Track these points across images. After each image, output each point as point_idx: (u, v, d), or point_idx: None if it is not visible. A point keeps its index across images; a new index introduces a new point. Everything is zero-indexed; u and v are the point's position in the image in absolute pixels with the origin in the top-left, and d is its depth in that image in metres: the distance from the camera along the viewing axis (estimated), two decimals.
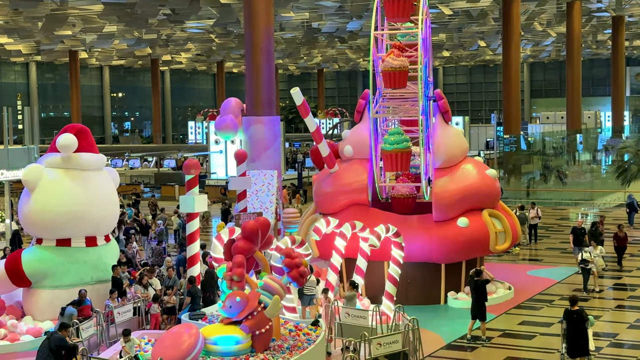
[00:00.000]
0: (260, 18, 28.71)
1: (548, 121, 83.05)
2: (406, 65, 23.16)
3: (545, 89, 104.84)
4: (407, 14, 24.08)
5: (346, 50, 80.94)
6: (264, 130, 28.59)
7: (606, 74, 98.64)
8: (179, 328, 16.04)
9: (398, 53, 23.43)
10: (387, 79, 23.31)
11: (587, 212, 41.59)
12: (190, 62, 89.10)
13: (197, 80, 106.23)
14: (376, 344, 16.21)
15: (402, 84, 23.33)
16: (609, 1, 56.85)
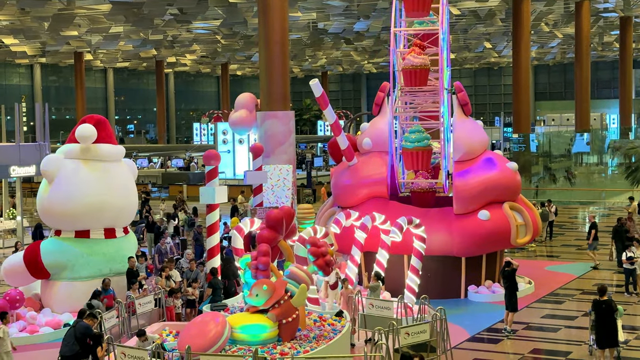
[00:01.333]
0: (275, 12, 28.52)
1: (554, 123, 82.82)
2: (427, 64, 22.87)
3: (549, 92, 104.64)
4: (427, 9, 23.81)
5: (351, 52, 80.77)
6: (278, 125, 28.37)
7: (611, 76, 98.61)
8: (204, 317, 15.82)
9: (419, 51, 23.13)
10: (407, 77, 22.97)
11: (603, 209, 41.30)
12: (194, 64, 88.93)
13: (200, 83, 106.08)
14: (404, 334, 15.96)
15: (423, 83, 23.03)
16: (616, 1, 56.66)
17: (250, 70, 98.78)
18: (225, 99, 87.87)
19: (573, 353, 17.84)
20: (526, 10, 46.21)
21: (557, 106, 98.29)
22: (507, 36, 71.11)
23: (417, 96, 23.71)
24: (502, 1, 52.64)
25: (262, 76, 29.18)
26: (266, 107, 28.58)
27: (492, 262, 23.23)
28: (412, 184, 23.34)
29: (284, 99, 28.82)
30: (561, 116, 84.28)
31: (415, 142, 22.52)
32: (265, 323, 15.61)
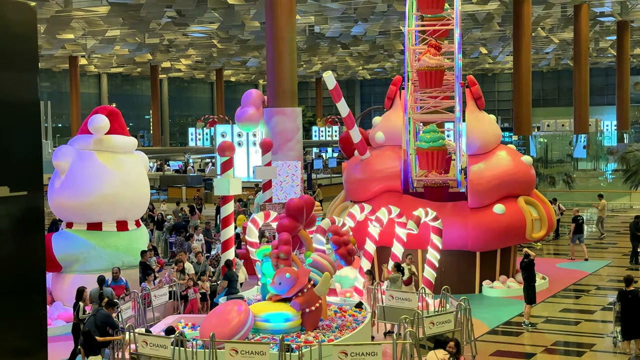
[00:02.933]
0: (283, 8, 28.24)
1: (549, 129, 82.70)
2: (443, 65, 22.66)
3: (543, 99, 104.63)
4: (441, 5, 23.60)
5: (347, 58, 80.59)
6: (286, 121, 28.08)
7: (604, 83, 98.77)
8: (225, 306, 15.52)
9: (434, 52, 22.89)
10: (423, 78, 22.71)
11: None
12: (189, 69, 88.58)
13: (194, 89, 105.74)
14: (429, 323, 15.67)
15: (438, 84, 22.80)
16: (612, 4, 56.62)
17: (245, 76, 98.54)
18: (220, 105, 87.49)
19: (596, 345, 17.59)
20: (527, 12, 46.04)
21: (550, 113, 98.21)
22: (503, 41, 71.05)
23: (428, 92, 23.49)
24: (501, 4, 52.52)
25: (269, 73, 28.88)
26: (273, 103, 28.26)
27: (507, 257, 22.98)
28: (425, 177, 23.07)
29: (292, 96, 28.52)
30: (556, 122, 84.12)
31: (430, 142, 22.29)
32: (289, 311, 15.33)
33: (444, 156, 22.65)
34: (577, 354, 17.09)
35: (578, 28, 54.48)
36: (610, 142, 74.78)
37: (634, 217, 27.49)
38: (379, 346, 13.89)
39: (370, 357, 13.72)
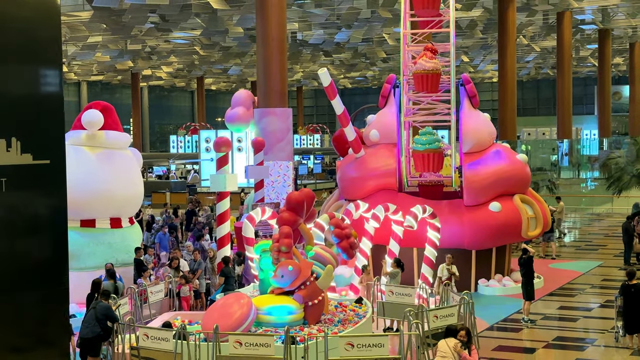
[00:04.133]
0: (273, 8, 28.04)
1: (530, 137, 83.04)
2: (439, 68, 22.53)
3: (522, 108, 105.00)
4: (437, 6, 23.50)
5: (329, 66, 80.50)
6: (276, 122, 27.84)
7: (583, 92, 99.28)
8: (226, 299, 15.26)
9: (431, 55, 22.75)
10: (419, 82, 22.54)
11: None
12: (169, 77, 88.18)
13: (174, 98, 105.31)
14: (433, 317, 15.48)
15: (434, 88, 22.67)
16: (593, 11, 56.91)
17: (225, 84, 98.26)
18: (201, 113, 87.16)
19: (598, 340, 17.50)
20: (512, 18, 46.14)
21: (530, 122, 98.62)
22: (485, 50, 71.20)
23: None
24: (485, 11, 52.61)
25: (259, 73, 28.65)
26: (264, 104, 28.04)
27: (502, 255, 22.87)
28: (420, 176, 22.92)
29: (282, 96, 28.31)
30: (537, 131, 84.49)
31: (426, 145, 22.14)
32: (292, 304, 15.08)
33: (439, 158, 22.50)
34: (580, 349, 16.94)
35: (561, 35, 54.69)
36: (589, 151, 75.17)
37: (626, 218, 27.49)
38: (385, 337, 13.70)
39: (377, 349, 13.53)
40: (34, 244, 7.07)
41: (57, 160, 7.23)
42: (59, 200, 7.37)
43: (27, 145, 6.96)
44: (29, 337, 6.89)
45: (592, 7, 54.62)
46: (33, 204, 7.05)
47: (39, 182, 7.07)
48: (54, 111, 7.25)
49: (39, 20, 6.77)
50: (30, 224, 7.03)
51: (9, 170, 6.84)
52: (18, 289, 6.89)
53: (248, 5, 47.12)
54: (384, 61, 75.30)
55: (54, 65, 7.15)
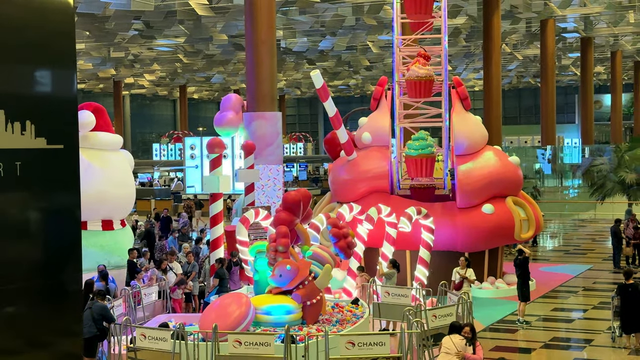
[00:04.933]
0: (262, 11, 27.91)
1: (512, 145, 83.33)
2: (432, 75, 22.49)
3: (504, 117, 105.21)
4: (429, 11, 23.46)
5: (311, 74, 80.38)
6: (265, 125, 27.69)
7: (564, 101, 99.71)
8: (223, 299, 15.10)
9: (424, 62, 22.72)
10: (412, 88, 22.49)
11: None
12: (152, 85, 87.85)
13: (156, 107, 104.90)
14: (431, 316, 15.39)
15: (427, 94, 22.65)
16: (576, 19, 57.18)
17: (208, 93, 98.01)
18: (183, 122, 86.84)
19: (595, 340, 17.44)
20: (497, 25, 46.20)
21: (512, 131, 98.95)
22: (467, 58, 71.38)
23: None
24: (469, 19, 52.71)
25: (248, 76, 28.48)
26: (253, 107, 27.87)
27: (494, 258, 22.82)
28: (412, 179, 22.86)
29: (272, 100, 28.16)
30: (519, 139, 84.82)
31: (419, 150, 22.10)
32: (290, 304, 14.95)
33: (432, 164, 22.47)
34: (577, 349, 16.90)
35: (544, 43, 54.90)
36: (571, 160, 75.44)
37: (615, 221, 27.54)
38: (386, 336, 13.59)
39: (378, 347, 13.42)
40: (49, 228, 6.91)
41: (70, 145, 7.08)
42: (73, 186, 7.20)
43: (41, 129, 6.81)
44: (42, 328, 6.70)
45: (575, 15, 54.89)
46: (47, 188, 6.88)
47: (52, 167, 6.91)
48: (67, 96, 7.10)
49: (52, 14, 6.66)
50: (45, 208, 6.87)
51: (23, 154, 6.69)
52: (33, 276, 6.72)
53: (233, 12, 47.02)
54: (367, 69, 75.38)
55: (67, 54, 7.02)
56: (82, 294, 7.45)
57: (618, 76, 70.79)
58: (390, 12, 47.28)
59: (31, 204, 6.82)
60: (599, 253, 29.87)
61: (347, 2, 46.49)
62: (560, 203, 52.26)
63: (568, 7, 50.79)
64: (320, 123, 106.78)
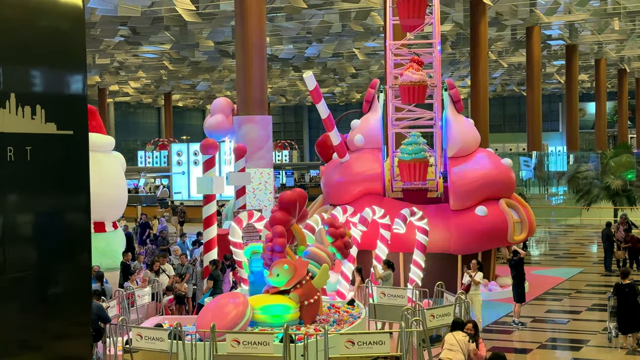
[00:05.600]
0: (252, 13, 27.82)
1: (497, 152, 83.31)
2: (425, 80, 22.39)
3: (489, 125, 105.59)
4: (422, 15, 23.39)
5: (297, 82, 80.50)
6: (256, 129, 27.56)
7: (548, 109, 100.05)
8: (220, 299, 14.95)
9: (417, 67, 22.65)
10: (405, 93, 22.33)
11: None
12: (136, 93, 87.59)
13: (141, 115, 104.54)
14: (429, 316, 15.29)
15: (421, 99, 22.52)
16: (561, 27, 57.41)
17: (192, 101, 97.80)
18: (168, 129, 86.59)
19: (591, 341, 17.40)
20: (484, 32, 46.30)
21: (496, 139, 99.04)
22: (452, 65, 71.54)
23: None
24: (456, 25, 52.82)
25: (238, 80, 28.37)
26: (243, 111, 27.76)
27: (487, 261, 22.75)
28: (404, 183, 22.79)
29: (262, 103, 28.05)
30: (504, 146, 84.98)
31: (412, 154, 22.02)
32: (288, 303, 14.81)
33: (426, 168, 22.39)
34: (574, 349, 16.85)
35: (530, 50, 55.11)
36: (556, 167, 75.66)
37: (606, 225, 27.58)
38: (386, 335, 13.48)
39: (378, 346, 13.30)
40: (58, 214, 6.78)
41: (80, 131, 6.96)
42: (83, 172, 7.09)
43: (51, 114, 6.69)
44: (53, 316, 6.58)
45: (560, 22, 55.11)
46: (57, 174, 6.76)
47: (62, 153, 6.78)
48: (77, 83, 7.00)
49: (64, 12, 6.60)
50: (54, 194, 6.75)
51: (33, 139, 6.56)
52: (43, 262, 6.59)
53: (220, 18, 46.92)
54: (352, 77, 75.44)
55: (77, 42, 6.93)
56: (90, 281, 7.31)
57: (602, 83, 71.11)
58: (377, 19, 47.58)
59: (41, 189, 6.69)
60: (589, 257, 29.97)
61: (334, 8, 46.45)
62: (546, 209, 52.38)
63: (554, 14, 50.99)
64: (305, 131, 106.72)
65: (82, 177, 7.11)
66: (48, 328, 6.62)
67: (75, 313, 6.93)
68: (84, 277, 7.05)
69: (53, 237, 6.77)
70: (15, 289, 6.35)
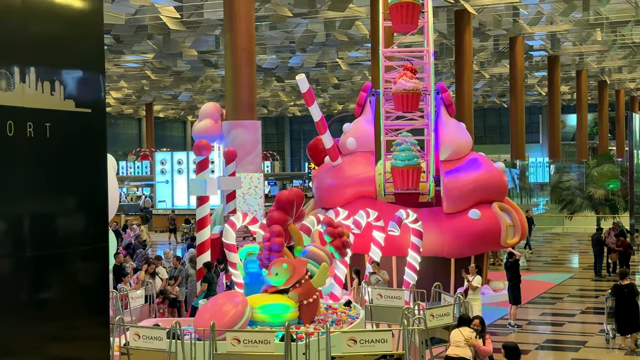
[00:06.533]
0: (242, 18, 27.66)
1: None
2: (419, 88, 22.33)
3: None
4: (415, 22, 23.33)
5: (279, 92, 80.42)
6: (245, 134, 27.38)
7: (529, 121, 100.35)
8: (217, 299, 14.76)
9: (411, 75, 22.59)
10: (399, 101, 22.21)
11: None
12: (117, 103, 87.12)
13: (121, 126, 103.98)
14: (429, 315, 15.15)
15: (414, 107, 22.44)
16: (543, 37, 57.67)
17: (174, 112, 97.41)
18: (150, 141, 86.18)
19: (589, 342, 17.34)
20: (469, 42, 46.38)
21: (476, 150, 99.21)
22: (436, 76, 71.50)
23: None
24: (439, 35, 52.89)
25: (227, 85, 28.21)
26: (232, 116, 27.58)
27: (480, 264, 22.62)
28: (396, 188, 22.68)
29: (251, 108, 27.88)
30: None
31: (405, 161, 21.95)
32: (287, 303, 14.63)
33: (419, 174, 22.32)
34: (572, 350, 16.77)
35: (513, 61, 55.23)
36: (536, 178, 75.97)
37: (596, 230, 27.61)
38: (388, 333, 13.33)
39: (380, 344, 13.14)
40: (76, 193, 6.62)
41: (98, 110, 6.80)
42: (100, 152, 6.92)
43: (69, 91, 6.52)
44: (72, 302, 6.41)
45: (542, 32, 55.35)
46: (76, 152, 6.59)
47: (81, 131, 6.62)
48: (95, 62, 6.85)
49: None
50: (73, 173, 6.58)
51: (52, 115, 6.39)
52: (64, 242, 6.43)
53: (204, 27, 46.79)
54: (335, 87, 75.40)
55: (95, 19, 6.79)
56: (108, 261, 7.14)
57: (583, 94, 71.50)
58: (362, 28, 47.62)
59: (60, 166, 6.52)
60: (577, 263, 29.93)
61: (320, 17, 46.40)
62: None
63: (537, 25, 51.21)
64: (287, 142, 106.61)
65: (100, 156, 6.93)
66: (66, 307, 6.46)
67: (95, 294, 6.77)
68: (102, 258, 6.88)
69: (70, 215, 6.60)
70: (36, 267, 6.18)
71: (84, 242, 6.65)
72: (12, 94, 6.14)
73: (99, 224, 6.87)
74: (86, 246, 6.66)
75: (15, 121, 6.13)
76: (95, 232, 6.80)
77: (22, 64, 6.19)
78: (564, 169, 64.20)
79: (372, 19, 34.68)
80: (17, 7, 6.16)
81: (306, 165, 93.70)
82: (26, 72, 6.22)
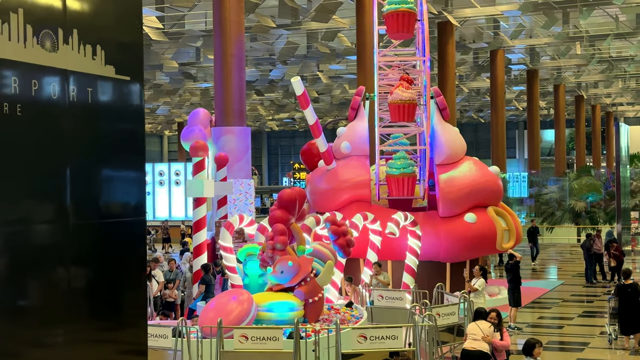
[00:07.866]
0: (232, 25, 27.49)
1: None
2: (415, 98, 22.25)
3: None
4: (411, 30, 23.25)
5: (258, 106, 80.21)
6: (234, 140, 27.15)
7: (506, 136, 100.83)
8: (221, 297, 14.56)
9: (407, 85, 22.51)
10: (395, 111, 22.13)
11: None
12: None
13: None
14: (435, 314, 14.98)
15: (411, 118, 22.38)
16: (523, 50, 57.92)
17: (150, 126, 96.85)
18: None
19: (592, 343, 17.23)
20: (451, 54, 46.40)
21: None
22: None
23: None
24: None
25: (217, 91, 27.96)
26: (222, 122, 27.33)
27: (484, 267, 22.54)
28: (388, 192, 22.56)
29: (241, 115, 27.66)
30: None
31: (400, 169, 21.84)
32: (293, 301, 14.42)
33: (414, 182, 22.22)
34: (575, 351, 16.64)
35: (494, 74, 55.33)
36: (513, 193, 76.14)
37: (586, 236, 27.61)
38: (399, 329, 13.13)
39: (391, 341, 12.95)
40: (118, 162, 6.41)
41: (136, 78, 6.59)
42: (138, 120, 6.71)
43: (110, 57, 6.31)
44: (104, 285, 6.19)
45: (522, 46, 55.54)
46: (116, 119, 6.39)
47: (120, 98, 6.41)
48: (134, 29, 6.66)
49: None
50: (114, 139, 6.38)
51: (94, 80, 6.17)
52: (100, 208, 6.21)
53: (186, 38, 46.55)
54: (314, 101, 75.27)
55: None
56: (145, 239, 6.92)
57: (561, 108, 71.83)
58: (344, 40, 47.56)
59: (101, 133, 6.30)
60: (567, 271, 29.99)
61: (302, 28, 46.28)
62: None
63: (517, 38, 51.43)
64: (264, 157, 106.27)
65: (138, 124, 6.72)
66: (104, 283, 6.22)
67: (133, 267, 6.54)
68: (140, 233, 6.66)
69: (111, 183, 6.38)
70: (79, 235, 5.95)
71: (124, 214, 6.44)
72: (56, 55, 5.93)
73: (139, 194, 6.66)
74: (127, 218, 6.45)
75: (58, 83, 5.92)
76: (136, 203, 6.58)
77: (66, 26, 5.99)
78: (543, 182, 64.47)
79: (358, 27, 34.48)
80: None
81: (284, 180, 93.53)
82: (69, 35, 6.01)
